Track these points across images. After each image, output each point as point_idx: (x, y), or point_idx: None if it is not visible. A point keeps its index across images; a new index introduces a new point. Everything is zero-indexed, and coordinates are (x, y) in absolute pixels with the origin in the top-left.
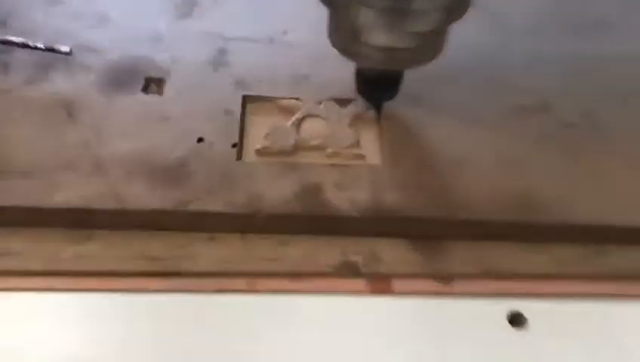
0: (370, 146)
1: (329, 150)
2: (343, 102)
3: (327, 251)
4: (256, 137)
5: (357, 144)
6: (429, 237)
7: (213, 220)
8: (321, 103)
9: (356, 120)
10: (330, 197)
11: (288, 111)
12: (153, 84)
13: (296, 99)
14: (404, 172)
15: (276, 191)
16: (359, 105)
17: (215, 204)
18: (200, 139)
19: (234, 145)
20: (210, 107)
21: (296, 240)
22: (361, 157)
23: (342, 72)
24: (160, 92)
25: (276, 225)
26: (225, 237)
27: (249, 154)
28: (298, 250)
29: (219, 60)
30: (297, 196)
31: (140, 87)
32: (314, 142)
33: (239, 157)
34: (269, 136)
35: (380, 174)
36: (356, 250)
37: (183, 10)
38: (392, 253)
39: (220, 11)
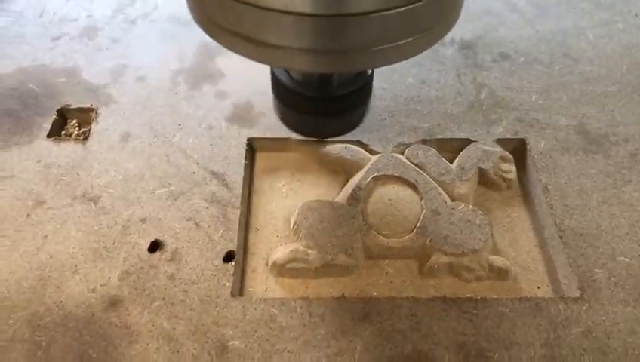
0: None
1: (442, 258)
2: (444, 143)
3: None
4: (274, 234)
5: (490, 244)
6: None
7: None
8: (405, 151)
9: (492, 186)
10: None
11: (341, 169)
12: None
13: (359, 143)
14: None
15: None
16: (493, 150)
17: None
18: (155, 245)
19: (227, 258)
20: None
21: None
22: (503, 274)
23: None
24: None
25: None
26: None
27: (258, 278)
28: None
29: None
30: None
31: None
32: (401, 241)
33: (238, 287)
34: (306, 232)
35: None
36: None
37: None
38: None
39: None
